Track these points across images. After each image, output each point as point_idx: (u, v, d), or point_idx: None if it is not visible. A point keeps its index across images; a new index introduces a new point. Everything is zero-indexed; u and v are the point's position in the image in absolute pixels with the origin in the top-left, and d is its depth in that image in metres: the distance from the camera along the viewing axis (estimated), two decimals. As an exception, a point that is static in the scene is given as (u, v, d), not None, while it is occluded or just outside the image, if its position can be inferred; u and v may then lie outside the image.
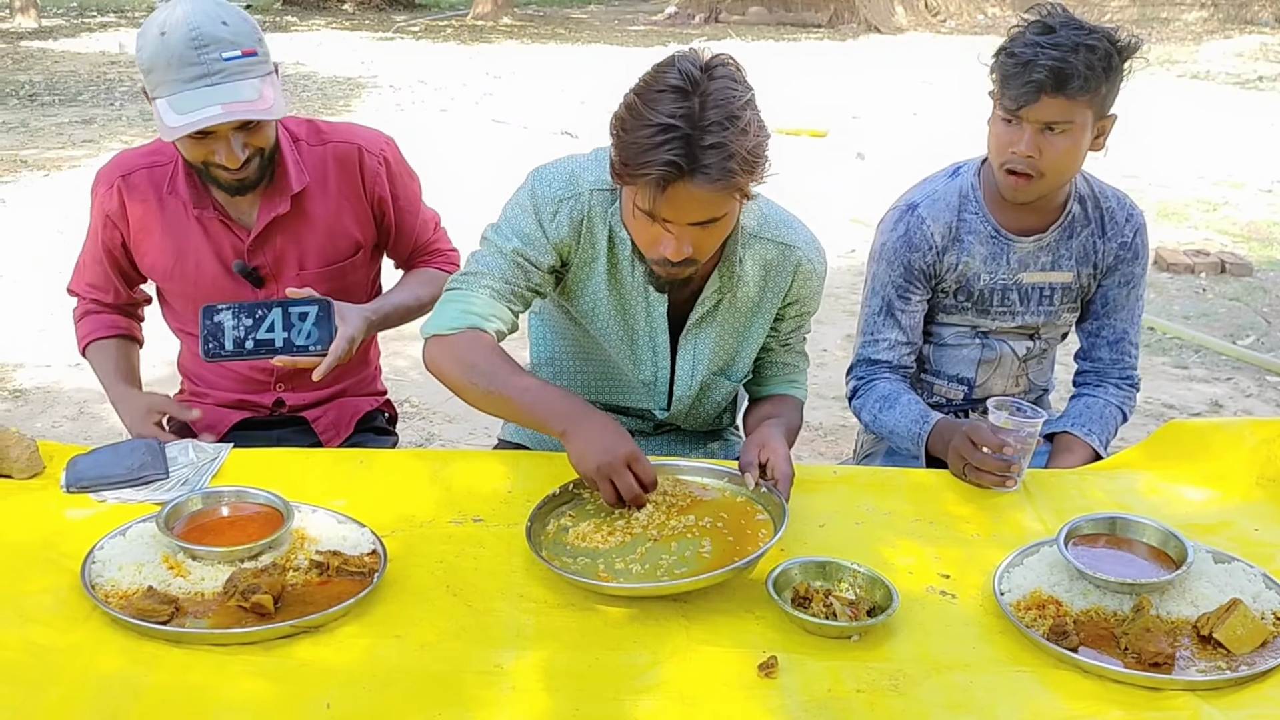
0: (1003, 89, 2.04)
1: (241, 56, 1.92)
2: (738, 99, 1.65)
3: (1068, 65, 1.96)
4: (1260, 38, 16.60)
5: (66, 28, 17.04)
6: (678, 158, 1.62)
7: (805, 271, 2.00)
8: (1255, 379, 4.69)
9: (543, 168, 1.95)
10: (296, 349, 1.94)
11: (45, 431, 3.91)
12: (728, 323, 2.02)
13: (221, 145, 1.96)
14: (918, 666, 1.46)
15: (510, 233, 1.92)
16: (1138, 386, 2.34)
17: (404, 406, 4.16)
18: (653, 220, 1.72)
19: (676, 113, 1.62)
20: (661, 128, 1.62)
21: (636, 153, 1.65)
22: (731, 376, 2.10)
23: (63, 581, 1.56)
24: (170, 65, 1.89)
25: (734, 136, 1.63)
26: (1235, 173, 8.44)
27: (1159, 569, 1.62)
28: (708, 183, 1.64)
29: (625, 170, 1.69)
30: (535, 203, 1.90)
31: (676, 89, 1.63)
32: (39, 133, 9.20)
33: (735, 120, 1.63)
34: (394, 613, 1.53)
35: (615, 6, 23.35)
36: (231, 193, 2.07)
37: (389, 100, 11.21)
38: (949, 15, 19.76)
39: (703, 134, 1.62)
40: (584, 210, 1.91)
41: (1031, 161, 2.04)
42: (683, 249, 1.74)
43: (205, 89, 1.89)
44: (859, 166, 8.55)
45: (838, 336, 4.79)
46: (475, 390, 1.85)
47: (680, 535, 1.69)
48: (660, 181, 1.64)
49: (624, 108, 1.70)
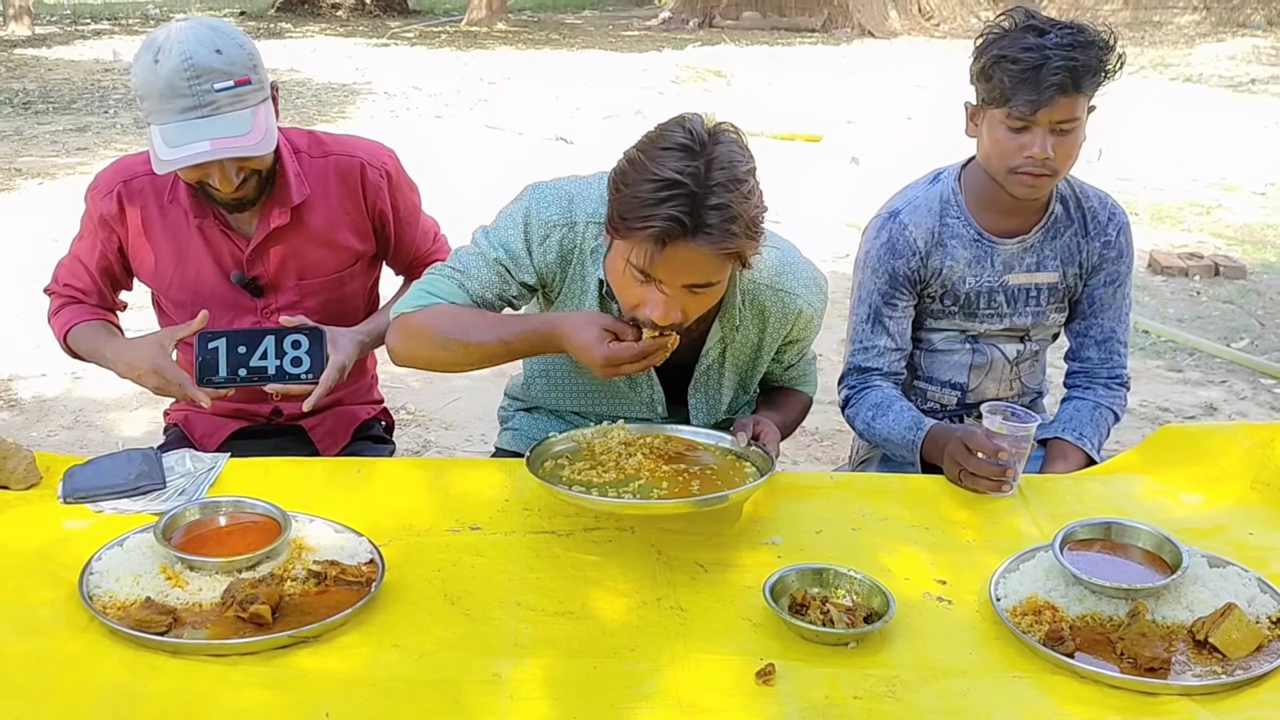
0: (1013, 95, 2.02)
1: (234, 87, 1.92)
2: (743, 164, 1.65)
3: (1079, 63, 1.99)
4: (1252, 40, 16.65)
5: (60, 35, 17.01)
6: (682, 214, 1.60)
7: (806, 318, 2.01)
8: (1249, 382, 4.71)
9: (541, 185, 1.94)
10: (289, 377, 1.97)
11: (41, 441, 3.91)
12: (732, 369, 2.04)
13: (215, 171, 1.97)
14: (915, 673, 1.46)
15: (498, 243, 1.91)
16: (1127, 385, 2.36)
17: (400, 414, 4.16)
18: (645, 279, 1.68)
19: (683, 170, 1.60)
20: (667, 183, 1.60)
21: (637, 206, 1.62)
22: (739, 406, 2.14)
23: (61, 593, 1.56)
24: (162, 95, 1.90)
25: (739, 200, 1.62)
26: (1229, 175, 8.46)
27: (1154, 574, 1.63)
28: (709, 243, 1.62)
29: (623, 224, 1.66)
30: (527, 222, 1.89)
31: (683, 147, 1.62)
32: (33, 141, 9.18)
33: (741, 184, 1.63)
34: (392, 622, 1.53)
35: (610, 12, 23.37)
36: (230, 210, 2.08)
37: (384, 107, 11.21)
38: (942, 19, 19.81)
39: (708, 194, 1.60)
40: (576, 242, 1.90)
41: (1048, 163, 2.06)
42: (671, 313, 1.70)
43: (196, 121, 1.90)
44: (853, 171, 8.56)
45: (833, 341, 4.79)
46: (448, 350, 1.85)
47: (671, 477, 1.75)
48: (661, 237, 1.61)
49: (625, 162, 1.68)
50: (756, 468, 1.80)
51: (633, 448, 1.84)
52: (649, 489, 1.72)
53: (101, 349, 2.14)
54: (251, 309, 2.19)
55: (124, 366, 2.06)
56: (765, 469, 1.78)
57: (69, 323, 2.21)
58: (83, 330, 2.20)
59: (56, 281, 2.27)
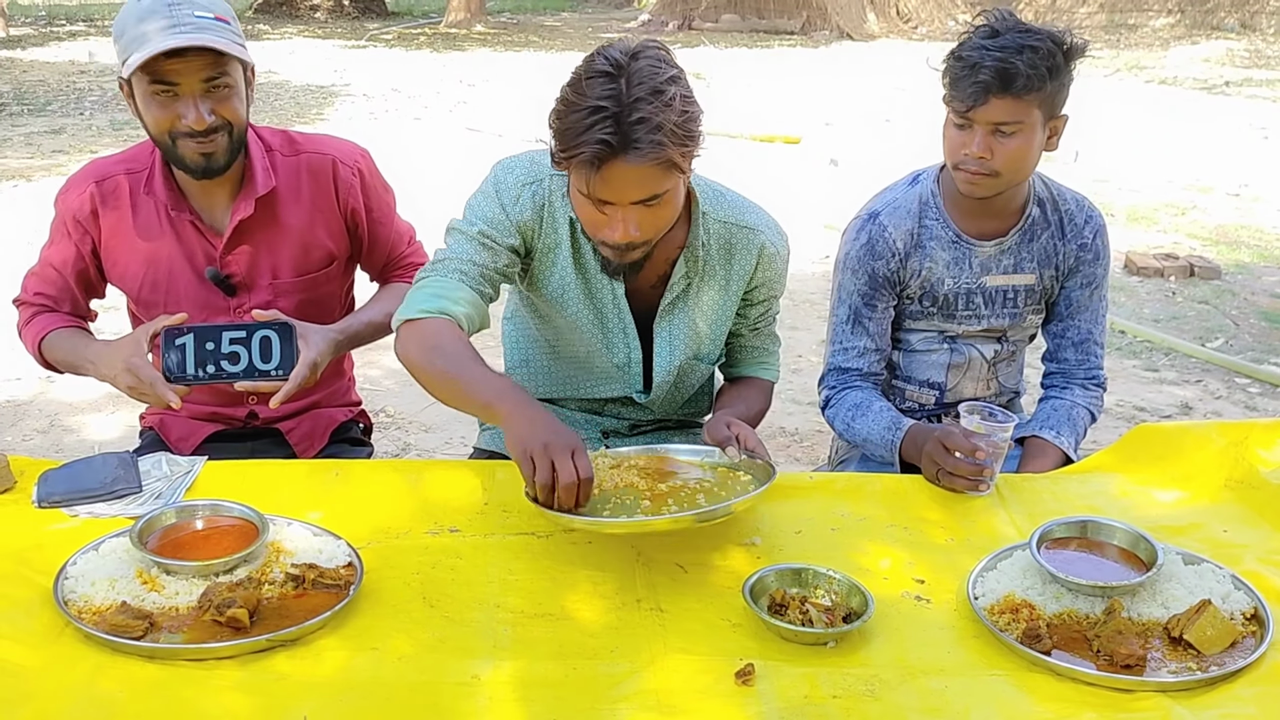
0: (952, 92, 2.08)
1: (214, 20, 1.95)
2: (662, 75, 1.71)
3: (1011, 66, 2.00)
4: (1226, 43, 16.82)
5: (35, 37, 16.88)
6: (608, 136, 1.67)
7: (769, 254, 2.05)
8: (1224, 381, 4.75)
9: (505, 159, 2.02)
10: (258, 374, 1.95)
11: (15, 445, 3.88)
12: (698, 306, 2.06)
13: (189, 107, 1.96)
14: (893, 672, 1.47)
15: (474, 217, 1.96)
16: (1104, 386, 2.37)
17: (379, 416, 4.15)
18: (593, 202, 1.76)
19: (604, 94, 1.68)
20: (591, 109, 1.68)
21: (570, 137, 1.70)
22: (705, 359, 2.14)
23: (35, 598, 1.54)
24: (141, 20, 1.92)
25: (659, 110, 1.68)
26: (1203, 177, 8.54)
27: (1130, 571, 1.64)
28: (639, 158, 1.68)
29: (562, 155, 1.74)
30: (498, 188, 1.96)
31: (604, 73, 1.70)
32: (7, 143, 9.10)
33: (660, 94, 1.69)
34: (371, 625, 1.53)
35: (589, 14, 23.38)
36: (198, 174, 2.04)
37: (362, 109, 11.17)
38: (920, 22, 19.90)
39: (629, 111, 1.67)
40: (545, 195, 1.96)
41: (984, 162, 2.08)
42: (628, 230, 1.77)
43: (175, 35, 1.91)
44: (833, 173, 8.59)
45: (812, 342, 4.81)
46: (431, 371, 1.82)
47: (675, 491, 1.73)
48: (593, 161, 1.69)
49: (558, 99, 1.76)
50: (754, 477, 1.77)
51: (620, 470, 1.80)
52: (657, 509, 1.68)
53: (80, 354, 2.11)
54: (224, 309, 2.17)
55: (103, 368, 2.02)
56: (763, 477, 1.75)
57: (42, 331, 2.18)
58: (57, 337, 2.17)
59: (26, 291, 2.23)
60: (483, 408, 1.79)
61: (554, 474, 1.58)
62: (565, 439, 1.62)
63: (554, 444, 1.60)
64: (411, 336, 1.86)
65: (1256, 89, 12.99)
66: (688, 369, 2.13)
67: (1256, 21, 18.55)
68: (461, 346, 1.83)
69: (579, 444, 1.62)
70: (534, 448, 1.60)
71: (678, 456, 1.88)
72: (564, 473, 1.58)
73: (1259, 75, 14.10)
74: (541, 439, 1.61)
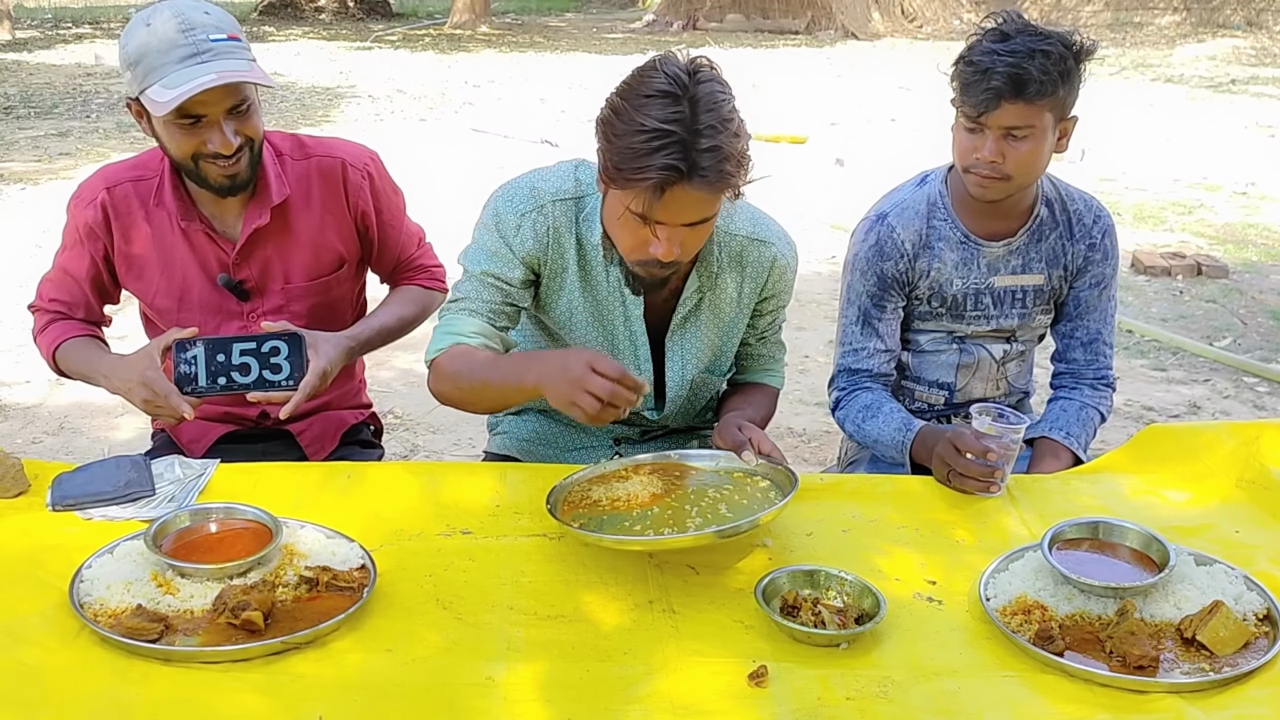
0: (964, 97, 2.08)
1: (227, 40, 1.95)
2: (726, 102, 1.69)
3: (1024, 71, 2.00)
4: (1232, 41, 16.79)
5: (41, 39, 16.93)
6: (676, 162, 1.64)
7: (780, 266, 2.05)
8: (1232, 380, 4.74)
9: (504, 186, 1.99)
10: (268, 384, 1.97)
11: (26, 448, 3.89)
12: (710, 321, 2.05)
13: (214, 133, 1.96)
14: (906, 673, 1.47)
15: (479, 255, 1.97)
16: (1113, 386, 2.37)
17: (388, 418, 4.15)
18: (645, 223, 1.73)
19: (670, 117, 1.64)
20: (657, 133, 1.64)
21: (632, 158, 1.66)
22: (716, 372, 2.15)
23: (51, 601, 1.55)
24: (160, 50, 1.91)
25: (728, 140, 1.67)
26: (1210, 175, 8.52)
27: (1142, 572, 1.64)
28: (705, 186, 1.67)
29: (619, 175, 1.70)
30: (498, 221, 1.94)
31: (666, 93, 1.66)
32: (14, 146, 9.13)
33: (728, 124, 1.67)
34: (384, 627, 1.53)
35: (593, 15, 23.39)
36: (223, 193, 2.06)
37: (368, 110, 11.19)
38: (925, 21, 19.88)
39: (697, 138, 1.64)
40: (548, 222, 1.94)
41: (996, 166, 2.08)
42: (673, 250, 1.76)
43: (196, 65, 1.91)
44: (838, 173, 8.59)
45: (820, 342, 4.81)
46: (462, 393, 1.90)
47: (697, 499, 1.73)
48: (659, 186, 1.66)
49: (610, 111, 1.72)
50: (772, 483, 1.78)
51: (636, 478, 1.81)
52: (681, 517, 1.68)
53: (94, 366, 2.12)
54: (238, 313, 2.18)
55: (116, 382, 2.04)
56: (782, 483, 1.76)
57: (57, 339, 2.19)
58: (72, 347, 2.18)
59: (41, 297, 2.24)
60: (519, 391, 1.83)
61: (600, 401, 1.63)
62: (578, 362, 1.66)
63: (575, 378, 1.65)
64: (437, 377, 1.94)
65: (1263, 87, 12.96)
66: (700, 383, 2.12)
67: (1263, 19, 18.51)
68: (475, 358, 1.88)
69: (591, 355, 1.67)
70: (563, 395, 1.67)
71: (692, 464, 1.87)
72: (600, 389, 1.63)
73: (1265, 73, 14.07)
74: (562, 382, 1.67)
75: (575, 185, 1.96)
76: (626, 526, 1.68)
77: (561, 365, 1.69)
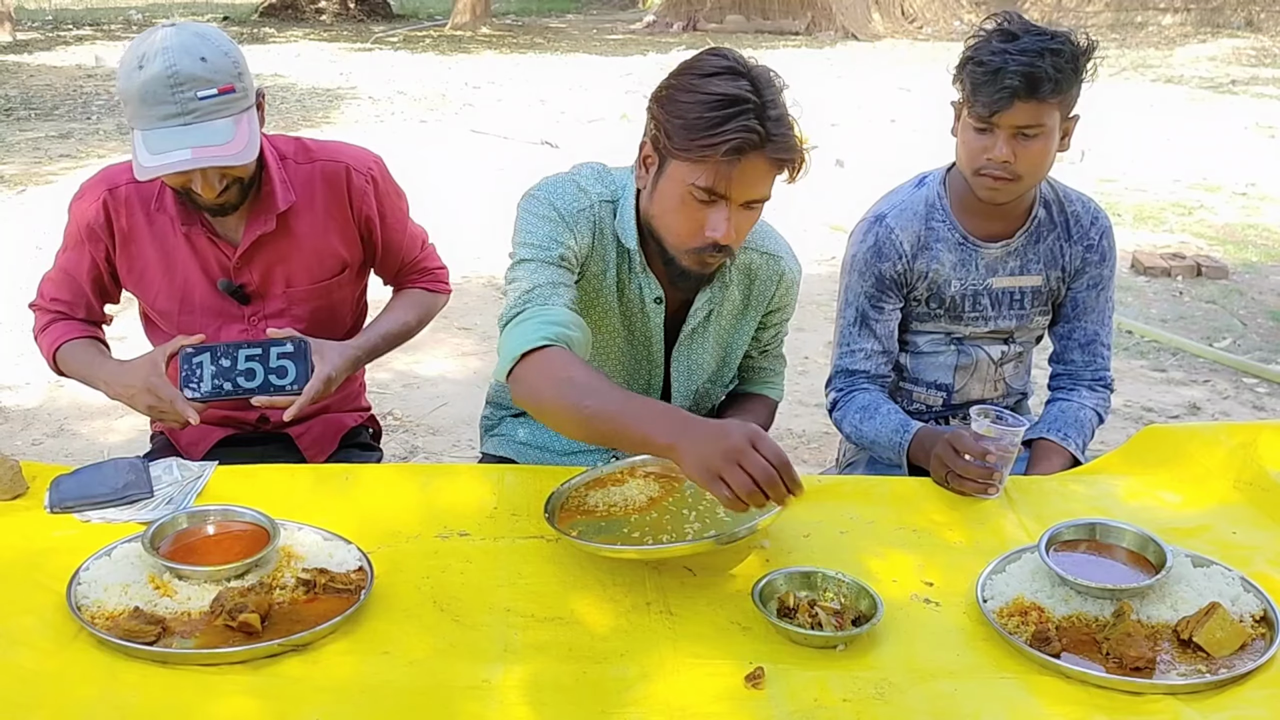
0: (974, 97, 2.07)
1: (218, 95, 1.91)
2: (779, 80, 1.72)
3: (1038, 70, 2.00)
4: (1233, 41, 16.79)
5: (41, 41, 16.93)
6: (754, 126, 1.64)
7: (788, 281, 2.06)
8: (1232, 381, 4.74)
9: (546, 183, 1.92)
10: (274, 389, 1.98)
11: (25, 450, 3.89)
12: (717, 332, 2.05)
13: (198, 177, 1.96)
14: (903, 675, 1.47)
15: (546, 241, 1.83)
16: (1111, 388, 2.38)
17: (387, 420, 4.16)
18: (710, 200, 1.71)
19: (739, 88, 1.65)
20: (729, 99, 1.64)
21: (705, 126, 1.65)
22: (720, 383, 2.14)
23: (48, 603, 1.55)
24: (144, 101, 1.90)
25: (788, 111, 1.69)
26: (1210, 176, 8.52)
27: (1139, 574, 1.64)
28: (778, 152, 1.68)
29: (693, 144, 1.67)
30: (558, 212, 1.87)
31: (729, 70, 1.68)
32: (14, 148, 9.13)
33: (783, 97, 1.70)
34: (381, 629, 1.53)
35: (594, 16, 23.39)
36: (213, 214, 2.08)
37: (368, 111, 11.19)
38: (925, 22, 19.88)
39: (767, 105, 1.66)
40: (595, 221, 1.92)
41: (1008, 166, 2.08)
42: (732, 232, 1.74)
43: (178, 129, 1.89)
44: (838, 173, 8.59)
45: (819, 344, 4.81)
46: (577, 411, 1.65)
47: (695, 503, 1.72)
48: (737, 150, 1.65)
49: (669, 92, 1.72)
50: None
51: (635, 481, 1.81)
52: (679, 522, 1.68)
53: (94, 371, 2.12)
54: (239, 317, 2.18)
55: (119, 388, 2.04)
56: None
57: (58, 340, 2.19)
58: (72, 349, 2.18)
59: (43, 296, 2.24)
60: (633, 443, 1.62)
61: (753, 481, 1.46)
62: (739, 435, 1.48)
63: (733, 448, 1.47)
64: (537, 371, 1.70)
65: (1264, 87, 12.96)
66: (703, 393, 2.12)
67: (1263, 20, 18.50)
68: (599, 379, 1.69)
69: (753, 429, 1.50)
70: (717, 463, 1.47)
71: None
72: (757, 468, 1.45)
73: (1266, 74, 14.07)
74: (719, 451, 1.48)
75: (611, 189, 1.93)
76: (624, 534, 1.68)
77: (719, 432, 1.50)
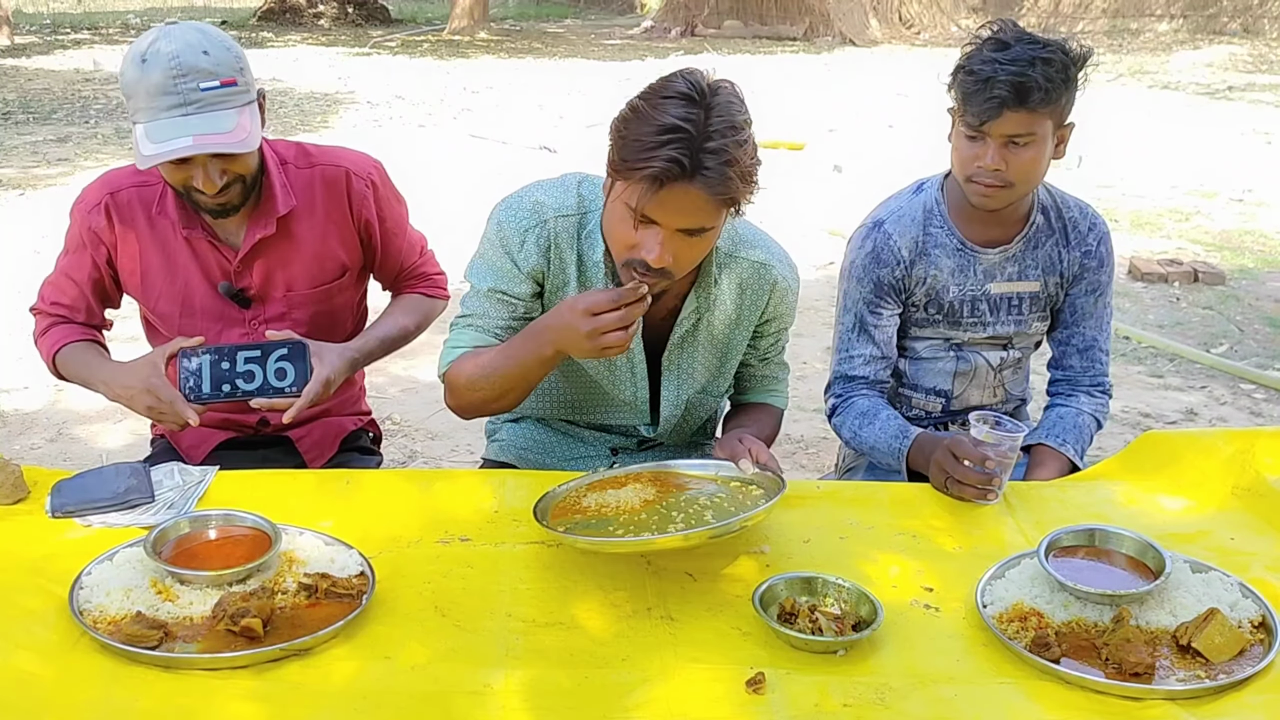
0: (965, 106, 2.09)
1: (220, 87, 1.93)
2: (740, 114, 1.71)
3: (1027, 79, 2.01)
4: (1229, 48, 16.84)
5: (40, 45, 16.93)
6: (681, 156, 1.65)
7: (781, 289, 2.04)
8: (1229, 387, 4.75)
9: (508, 200, 1.99)
10: (273, 391, 1.98)
11: (24, 454, 3.89)
12: (708, 342, 2.04)
13: (199, 171, 1.97)
14: (903, 680, 1.48)
15: (485, 271, 1.97)
16: (1110, 393, 2.38)
17: (386, 424, 4.16)
18: (638, 219, 1.72)
19: (685, 117, 1.66)
20: (668, 128, 1.66)
21: (638, 150, 1.67)
22: (713, 393, 2.13)
23: (50, 608, 1.55)
24: (148, 93, 1.90)
25: (734, 147, 1.67)
26: (1207, 182, 8.54)
27: (1138, 579, 1.64)
28: (706, 187, 1.67)
29: (624, 165, 1.70)
30: (502, 236, 1.95)
31: (684, 95, 1.68)
32: (13, 152, 9.13)
33: (738, 132, 1.68)
34: (383, 634, 1.54)
35: (592, 21, 23.42)
36: (214, 216, 2.08)
37: (367, 116, 11.20)
38: (922, 28, 19.93)
39: (706, 139, 1.66)
40: (550, 237, 1.94)
41: (999, 174, 2.09)
42: (665, 256, 1.74)
43: (180, 118, 1.90)
44: (836, 179, 8.60)
45: (818, 349, 4.82)
46: (480, 394, 1.93)
47: (685, 507, 1.72)
48: (659, 177, 1.66)
49: (628, 109, 1.73)
50: (765, 491, 1.77)
51: (630, 485, 1.81)
52: (665, 522, 1.68)
53: (93, 372, 2.12)
54: (239, 320, 2.19)
55: (118, 389, 2.04)
56: (773, 490, 1.75)
57: (58, 343, 2.19)
58: (72, 352, 2.18)
59: (43, 300, 2.25)
60: (541, 363, 1.87)
61: (610, 326, 1.72)
62: (581, 323, 1.72)
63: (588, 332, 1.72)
64: (452, 390, 1.99)
65: (1260, 93, 12.99)
66: (696, 403, 2.12)
67: (1259, 26, 18.56)
68: (481, 358, 1.92)
69: (582, 303, 1.73)
70: (584, 346, 1.75)
71: (689, 472, 1.87)
72: (613, 319, 1.72)
73: (1262, 80, 14.11)
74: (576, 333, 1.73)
75: (578, 202, 1.95)
76: (610, 531, 1.68)
77: (567, 327, 1.75)
